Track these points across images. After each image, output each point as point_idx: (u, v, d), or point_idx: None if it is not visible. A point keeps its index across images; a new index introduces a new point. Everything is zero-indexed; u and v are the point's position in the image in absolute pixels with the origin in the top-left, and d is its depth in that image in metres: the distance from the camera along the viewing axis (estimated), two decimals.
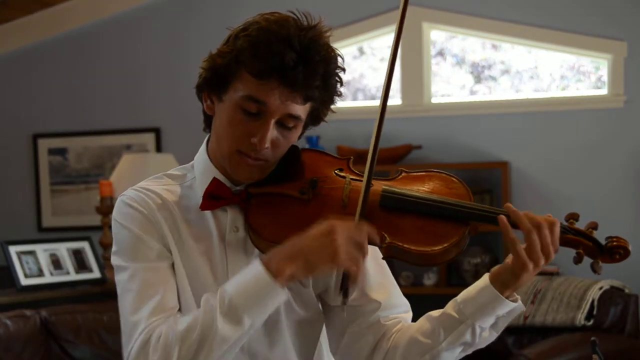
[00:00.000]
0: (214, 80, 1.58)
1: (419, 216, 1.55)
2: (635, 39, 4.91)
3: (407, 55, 5.16)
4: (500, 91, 5.29)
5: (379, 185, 1.58)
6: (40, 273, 4.50)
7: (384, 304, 1.66)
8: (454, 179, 1.63)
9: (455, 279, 5.00)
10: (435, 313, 1.61)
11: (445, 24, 5.20)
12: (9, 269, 4.45)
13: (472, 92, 5.37)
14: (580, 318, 4.25)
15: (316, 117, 1.63)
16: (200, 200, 1.62)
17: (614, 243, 1.56)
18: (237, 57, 1.54)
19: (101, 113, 5.72)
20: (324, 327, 1.72)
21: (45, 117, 5.79)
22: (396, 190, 1.58)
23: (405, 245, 1.52)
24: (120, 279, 1.60)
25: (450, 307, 1.58)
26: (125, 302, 1.57)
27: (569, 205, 4.97)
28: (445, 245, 1.53)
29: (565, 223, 1.57)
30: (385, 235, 1.52)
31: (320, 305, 1.69)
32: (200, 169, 1.66)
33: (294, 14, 1.57)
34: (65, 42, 5.76)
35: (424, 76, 5.20)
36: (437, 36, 5.33)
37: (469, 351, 1.60)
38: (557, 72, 5.24)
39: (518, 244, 1.49)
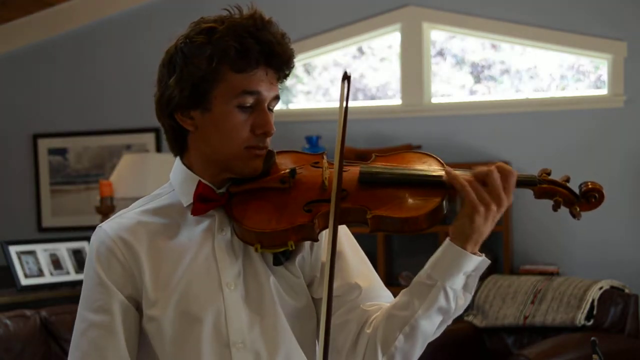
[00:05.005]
0: (195, 94, 1.58)
1: (398, 187, 1.59)
2: (635, 39, 4.91)
3: (407, 55, 5.16)
4: (500, 91, 5.29)
5: (356, 167, 1.64)
6: (40, 273, 4.50)
7: (365, 291, 1.66)
8: (427, 154, 1.68)
9: None
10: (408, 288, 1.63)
11: (445, 24, 5.20)
12: (9, 269, 4.46)
13: (472, 92, 5.37)
14: (580, 318, 4.25)
15: (278, 97, 1.68)
16: (180, 210, 1.64)
17: (589, 187, 1.63)
18: (219, 60, 1.55)
19: (101, 113, 5.72)
20: None
21: (46, 117, 5.79)
22: (373, 166, 1.64)
23: (389, 215, 1.56)
24: (76, 328, 1.63)
25: (420, 276, 1.60)
26: (72, 358, 1.63)
27: None
28: (428, 209, 1.56)
29: (538, 177, 1.61)
30: (369, 209, 1.56)
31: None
32: (179, 179, 1.66)
33: (227, 10, 1.60)
34: (65, 42, 5.76)
35: (424, 76, 5.20)
36: (437, 36, 5.33)
37: (449, 321, 1.60)
38: (557, 72, 5.24)
39: (466, 187, 1.52)
